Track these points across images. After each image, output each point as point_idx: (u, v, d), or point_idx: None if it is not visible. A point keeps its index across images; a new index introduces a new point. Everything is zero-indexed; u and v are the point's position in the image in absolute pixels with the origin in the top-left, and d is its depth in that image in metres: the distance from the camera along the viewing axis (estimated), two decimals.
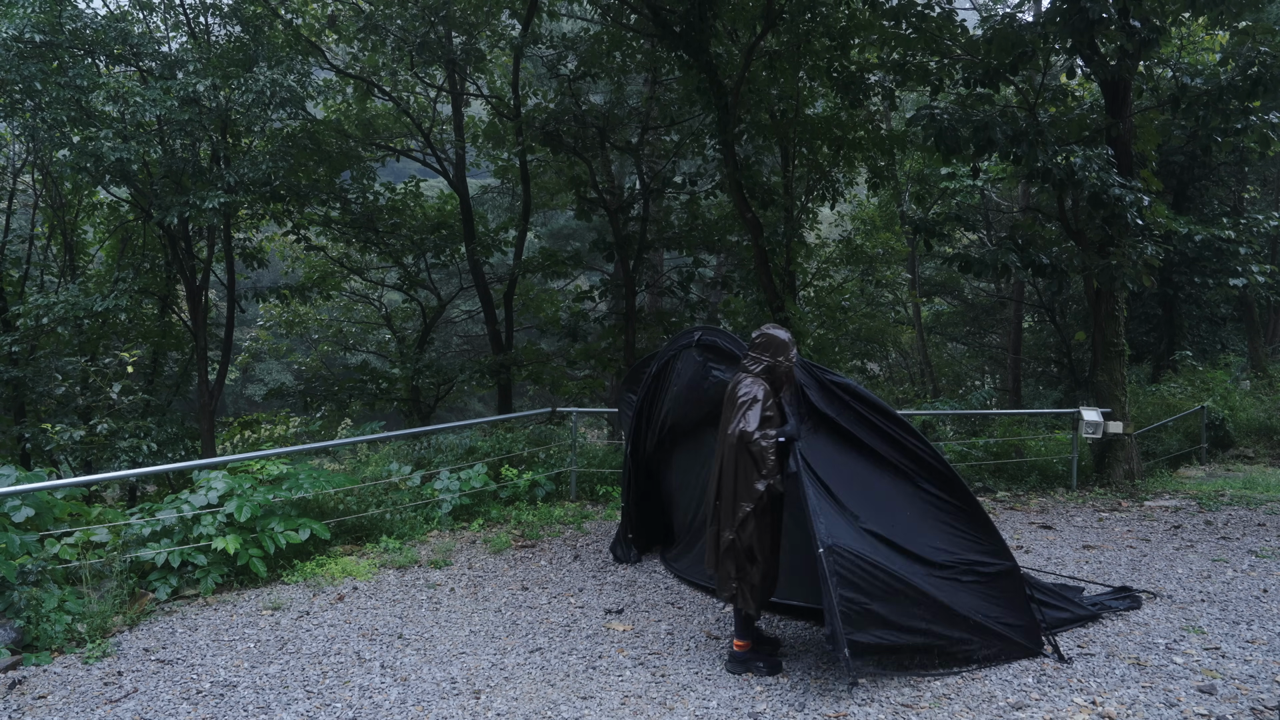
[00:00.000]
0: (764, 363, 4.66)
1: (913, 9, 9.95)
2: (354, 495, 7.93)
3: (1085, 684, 4.41)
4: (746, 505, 4.49)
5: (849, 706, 4.19)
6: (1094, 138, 9.90)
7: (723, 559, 4.61)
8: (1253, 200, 18.43)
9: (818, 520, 4.36)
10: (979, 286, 23.31)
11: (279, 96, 10.95)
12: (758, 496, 4.48)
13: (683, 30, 10.98)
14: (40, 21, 10.08)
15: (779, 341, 4.68)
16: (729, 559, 4.56)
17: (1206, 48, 11.72)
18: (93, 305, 11.64)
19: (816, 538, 4.32)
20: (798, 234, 13.74)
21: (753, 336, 4.79)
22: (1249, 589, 5.94)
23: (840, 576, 4.26)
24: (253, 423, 17.31)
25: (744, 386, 4.61)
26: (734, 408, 4.60)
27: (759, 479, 4.48)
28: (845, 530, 4.44)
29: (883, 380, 22.66)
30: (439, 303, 17.16)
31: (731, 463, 4.56)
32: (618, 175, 18.82)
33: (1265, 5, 9.73)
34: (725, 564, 4.60)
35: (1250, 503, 8.80)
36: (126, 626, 5.70)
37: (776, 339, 4.69)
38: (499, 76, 16.14)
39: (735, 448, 4.51)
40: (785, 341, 4.68)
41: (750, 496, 4.49)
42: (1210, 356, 17.59)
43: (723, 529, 4.60)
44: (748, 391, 4.57)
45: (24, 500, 5.99)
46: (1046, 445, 11.25)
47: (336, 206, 14.67)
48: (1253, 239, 14.00)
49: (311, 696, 4.58)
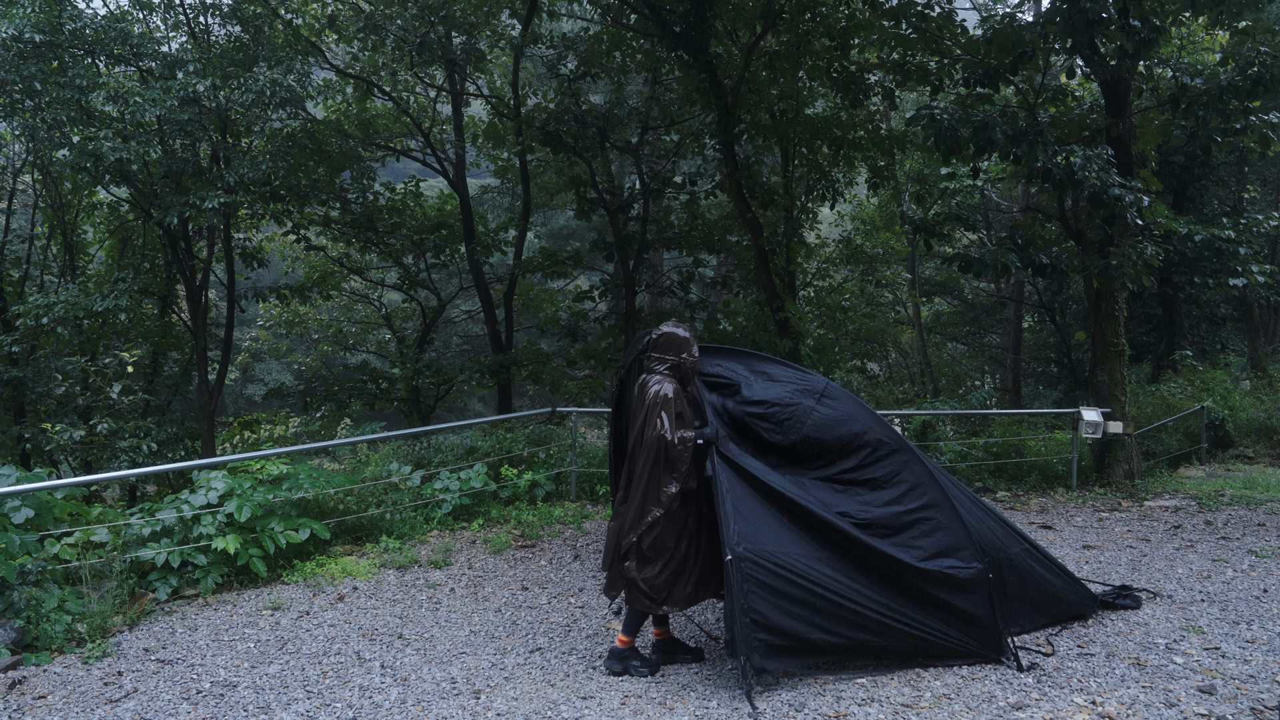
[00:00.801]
0: (669, 361, 4.63)
1: (913, 9, 9.95)
2: (354, 495, 7.93)
3: (1085, 684, 4.41)
4: (656, 510, 4.45)
5: (849, 706, 4.19)
6: (1094, 138, 9.90)
7: (618, 559, 4.57)
8: (1253, 200, 18.43)
9: (729, 526, 4.30)
10: (979, 286, 23.31)
11: (279, 96, 10.95)
12: (669, 500, 4.45)
13: (683, 30, 10.98)
14: (40, 21, 10.07)
15: (680, 339, 4.65)
16: (627, 559, 4.53)
17: (1206, 48, 11.72)
18: (93, 305, 11.64)
19: (726, 544, 4.26)
20: (798, 234, 13.74)
21: (653, 335, 4.74)
22: (1249, 589, 5.94)
23: (752, 583, 4.22)
24: (253, 423, 17.31)
25: (654, 385, 4.57)
26: (645, 408, 4.55)
27: (671, 481, 4.44)
28: (765, 535, 4.37)
29: (883, 380, 22.66)
30: (439, 303, 17.16)
31: (645, 464, 4.50)
32: (618, 175, 18.82)
33: (1265, 5, 9.73)
34: (619, 564, 4.56)
35: (1250, 503, 8.80)
36: (126, 626, 5.70)
37: (677, 336, 4.66)
38: (499, 76, 16.14)
39: (651, 449, 4.46)
40: (686, 338, 4.66)
41: (660, 501, 4.45)
42: (1210, 356, 17.59)
43: (626, 531, 4.54)
44: (659, 390, 4.53)
45: (24, 500, 5.99)
46: (1046, 445, 11.25)
47: (336, 206, 14.67)
48: (1253, 239, 13.99)
49: (311, 696, 4.58)
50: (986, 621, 4.63)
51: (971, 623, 4.62)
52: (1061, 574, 5.30)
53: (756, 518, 4.43)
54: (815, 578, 4.37)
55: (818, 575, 4.39)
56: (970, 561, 4.62)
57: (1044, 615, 5.12)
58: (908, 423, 13.52)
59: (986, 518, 5.06)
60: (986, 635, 4.63)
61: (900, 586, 4.54)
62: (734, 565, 4.22)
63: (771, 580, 4.28)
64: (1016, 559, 4.99)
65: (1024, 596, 5.00)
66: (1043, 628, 5.11)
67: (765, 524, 4.43)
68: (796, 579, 4.33)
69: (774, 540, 4.39)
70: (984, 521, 5.00)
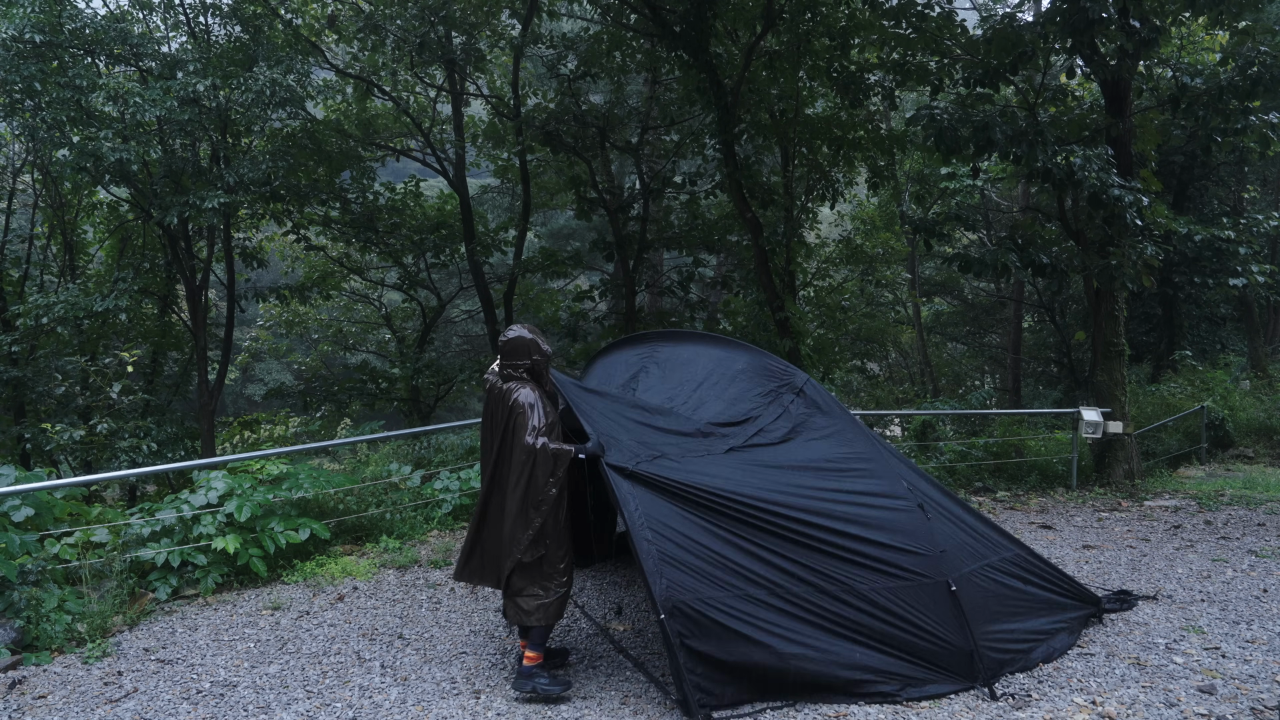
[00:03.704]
0: (521, 364, 4.57)
1: (913, 9, 9.96)
2: (354, 495, 7.93)
3: (1085, 684, 4.41)
4: (537, 519, 4.32)
5: (849, 706, 4.18)
6: (1094, 138, 9.90)
7: (517, 579, 4.38)
8: (1253, 200, 18.42)
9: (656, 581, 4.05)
10: (979, 286, 23.30)
11: (279, 96, 10.94)
12: (551, 504, 4.33)
13: (683, 30, 10.98)
14: (40, 21, 10.07)
15: (525, 341, 4.59)
16: (526, 579, 4.37)
17: (1206, 48, 11.73)
18: (93, 305, 11.63)
19: (655, 600, 4.02)
20: (798, 234, 13.74)
21: (500, 341, 4.67)
22: (1249, 589, 5.94)
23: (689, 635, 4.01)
24: (253, 423, 17.31)
25: (517, 395, 4.47)
26: (514, 417, 4.42)
27: (549, 485, 4.32)
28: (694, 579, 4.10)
29: (883, 380, 22.65)
30: (439, 303, 17.16)
31: (520, 475, 4.35)
32: (618, 175, 18.82)
33: (1265, 5, 9.72)
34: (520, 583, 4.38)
35: (1250, 503, 8.80)
36: (126, 626, 5.70)
37: (523, 339, 4.60)
38: (499, 76, 16.14)
39: (526, 460, 4.32)
40: (532, 339, 4.60)
41: (540, 508, 4.32)
42: (1210, 356, 17.59)
43: (510, 551, 4.36)
44: (525, 399, 4.43)
45: (24, 500, 5.99)
46: (1046, 445, 11.26)
47: (336, 206, 14.67)
48: (1253, 239, 13.99)
49: (311, 696, 4.58)
50: (960, 640, 4.34)
51: (942, 642, 4.33)
52: (1054, 583, 5.05)
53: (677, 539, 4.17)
54: (749, 582, 4.17)
55: (751, 573, 4.20)
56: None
57: (1027, 626, 4.75)
58: (908, 423, 13.52)
59: (958, 523, 4.84)
60: (956, 657, 4.33)
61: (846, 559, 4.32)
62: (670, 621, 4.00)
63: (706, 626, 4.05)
64: (991, 570, 4.75)
65: (1000, 611, 4.66)
66: (1023, 643, 4.68)
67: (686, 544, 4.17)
68: (729, 605, 4.09)
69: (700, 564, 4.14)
70: (958, 525, 4.83)
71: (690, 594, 4.07)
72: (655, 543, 4.14)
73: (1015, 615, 4.72)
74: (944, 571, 4.42)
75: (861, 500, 4.54)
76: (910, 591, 4.32)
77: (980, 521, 5.06)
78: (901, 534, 4.46)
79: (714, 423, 5.02)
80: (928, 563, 4.42)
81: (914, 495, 4.66)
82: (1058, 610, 4.94)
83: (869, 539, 4.39)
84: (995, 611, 4.62)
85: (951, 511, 4.91)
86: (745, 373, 5.35)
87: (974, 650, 4.33)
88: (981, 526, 5.01)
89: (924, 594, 4.34)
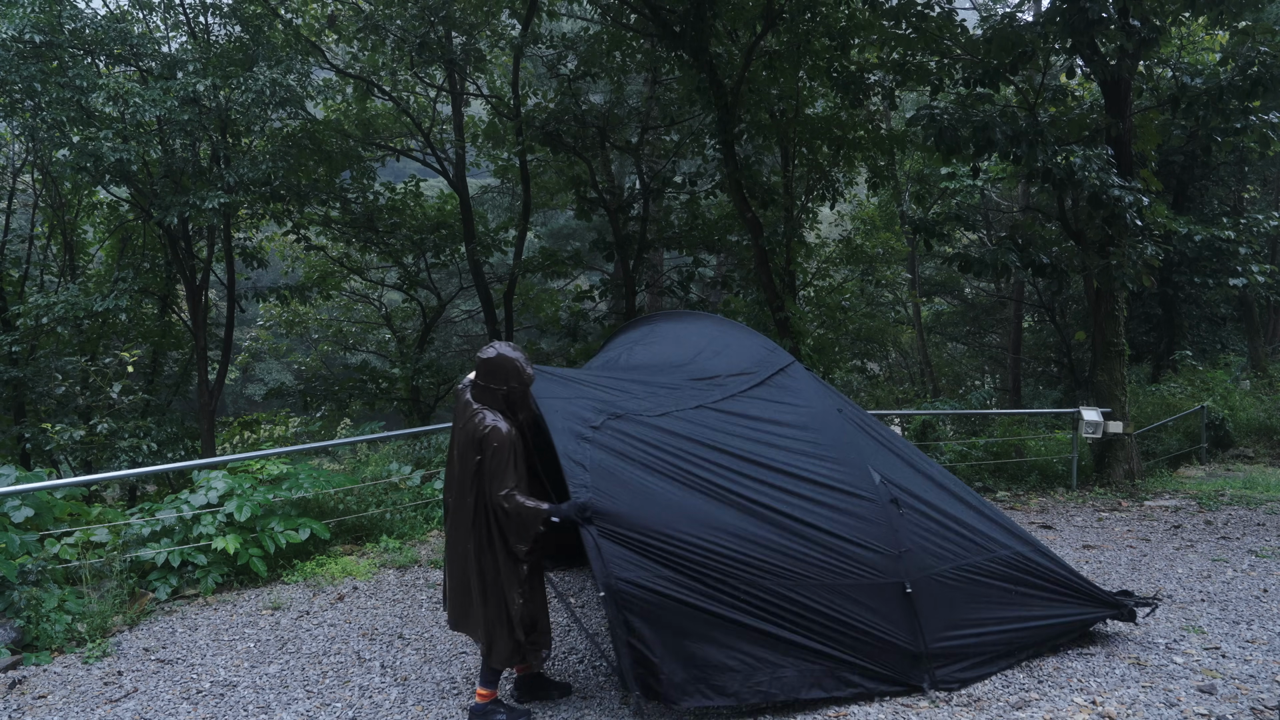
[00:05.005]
0: (500, 390, 4.09)
1: (913, 9, 9.96)
2: (354, 495, 7.93)
3: (1085, 684, 4.41)
4: (519, 593, 4.01)
5: (849, 706, 4.19)
6: (1094, 138, 9.91)
7: (495, 625, 4.06)
8: (1253, 200, 18.42)
9: (596, 563, 3.91)
10: (979, 286, 23.31)
11: (279, 96, 10.95)
12: (524, 572, 4.02)
13: (683, 30, 10.98)
14: (40, 22, 10.07)
15: (509, 363, 4.08)
16: (503, 627, 4.05)
17: (1206, 48, 11.73)
18: (93, 305, 11.64)
19: (597, 577, 3.90)
20: (798, 234, 13.73)
21: (479, 356, 4.16)
22: (1249, 589, 5.94)
23: (624, 616, 3.89)
24: (253, 423, 17.33)
25: (486, 424, 4.01)
26: (480, 451, 4.01)
27: (524, 542, 3.97)
28: (639, 561, 3.97)
29: (883, 380, 22.66)
30: (439, 302, 17.17)
31: (486, 522, 4.03)
32: (618, 175, 18.82)
33: (1265, 5, 9.73)
34: (498, 630, 4.06)
35: (1250, 503, 8.80)
36: (126, 626, 5.70)
37: (507, 361, 4.08)
38: (499, 76, 16.14)
39: (498, 509, 3.97)
40: (515, 362, 4.09)
41: (518, 578, 4.02)
42: (1210, 356, 17.60)
43: (488, 600, 4.06)
44: (493, 430, 3.98)
45: (24, 500, 5.99)
46: (1046, 445, 11.26)
47: (336, 206, 14.67)
48: (1253, 239, 14.00)
49: (311, 696, 4.58)
50: (901, 631, 4.22)
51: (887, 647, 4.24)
52: (1058, 586, 4.78)
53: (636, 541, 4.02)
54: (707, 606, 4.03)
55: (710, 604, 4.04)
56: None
57: (1006, 628, 4.57)
58: (908, 422, 13.52)
59: (943, 521, 4.63)
60: (899, 659, 4.24)
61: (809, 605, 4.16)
62: (610, 599, 3.88)
63: (653, 610, 3.93)
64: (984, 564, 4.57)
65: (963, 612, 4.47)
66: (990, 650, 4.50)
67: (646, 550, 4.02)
68: (685, 608, 3.97)
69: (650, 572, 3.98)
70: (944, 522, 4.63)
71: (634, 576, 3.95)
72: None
73: (992, 616, 4.54)
74: (902, 572, 4.30)
75: (815, 489, 4.40)
76: (858, 590, 4.22)
77: (983, 519, 4.81)
78: (857, 529, 4.33)
79: (692, 377, 5.03)
80: (884, 561, 4.29)
81: (886, 490, 4.49)
82: (1058, 609, 4.75)
83: (818, 526, 4.28)
84: (964, 613, 4.46)
85: (937, 509, 4.66)
86: (734, 346, 5.33)
87: (923, 653, 4.26)
88: (980, 524, 4.76)
89: (873, 594, 4.24)
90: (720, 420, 4.62)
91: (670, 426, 4.48)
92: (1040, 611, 4.68)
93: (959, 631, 4.42)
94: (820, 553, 4.22)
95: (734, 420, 4.64)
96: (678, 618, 3.97)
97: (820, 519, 4.31)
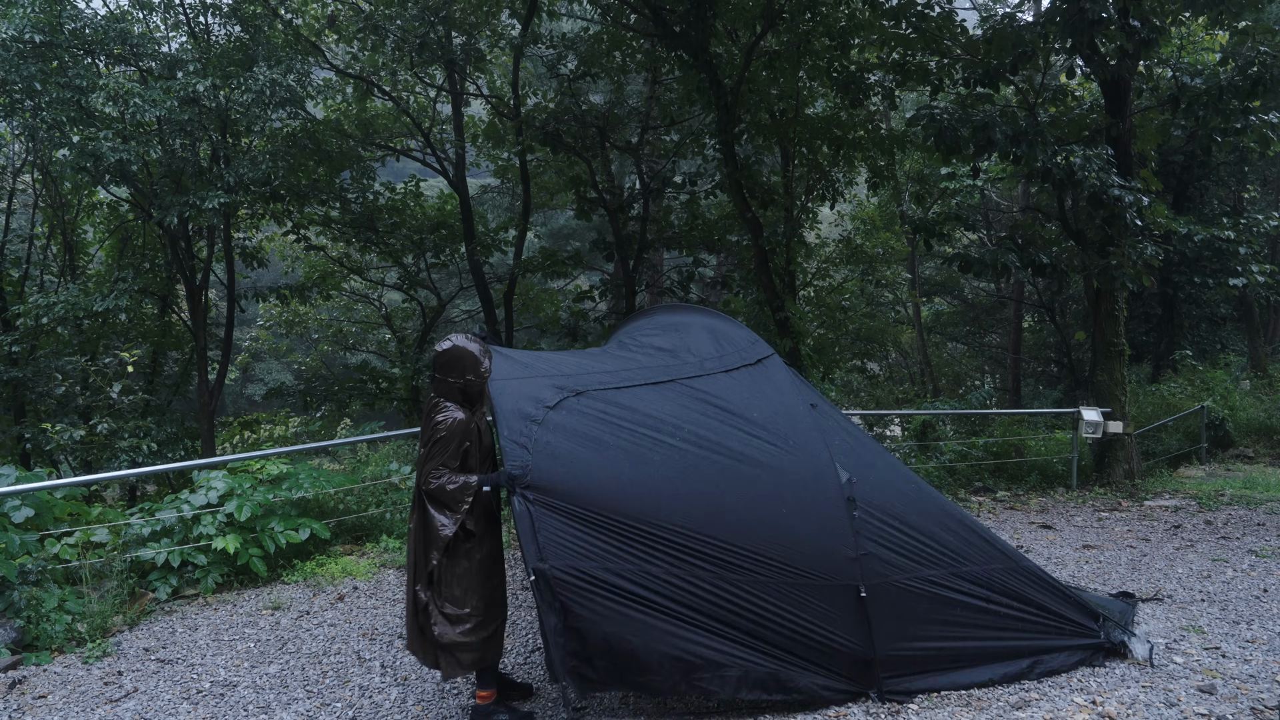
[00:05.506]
0: (456, 383, 4.02)
1: (913, 9, 9.96)
2: (354, 495, 7.94)
3: (1085, 684, 4.41)
4: (435, 555, 3.93)
5: (849, 706, 4.19)
6: (1094, 138, 9.91)
7: (418, 619, 4.00)
8: (1253, 200, 18.43)
9: (529, 544, 3.81)
10: (979, 286, 23.31)
11: (279, 96, 10.95)
12: (444, 542, 3.90)
13: (683, 30, 10.98)
14: (40, 22, 10.08)
15: (464, 355, 4.02)
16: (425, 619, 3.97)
17: (1206, 48, 11.73)
18: (93, 305, 11.64)
19: (527, 562, 3.81)
20: (798, 234, 13.74)
21: (437, 349, 4.11)
22: (1249, 589, 5.94)
23: (557, 602, 3.78)
24: (253, 423, 17.32)
25: (440, 414, 3.98)
26: (427, 441, 3.97)
27: (446, 524, 3.89)
28: (574, 548, 3.86)
29: (883, 380, 22.67)
30: (439, 302, 17.17)
31: (422, 506, 3.98)
32: (618, 175, 18.82)
33: (1265, 5, 9.73)
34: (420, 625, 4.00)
35: (1250, 502, 8.80)
36: (126, 626, 5.70)
37: (462, 353, 4.02)
38: (499, 76, 16.14)
39: (426, 490, 3.94)
40: (473, 354, 4.03)
41: (436, 544, 3.92)
42: (1210, 356, 17.59)
43: (417, 587, 4.00)
44: (444, 419, 3.95)
45: (24, 500, 5.99)
46: (1046, 445, 11.26)
47: (336, 206, 14.67)
48: (1253, 239, 14.01)
49: (311, 696, 4.58)
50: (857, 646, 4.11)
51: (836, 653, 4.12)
52: (1030, 609, 4.52)
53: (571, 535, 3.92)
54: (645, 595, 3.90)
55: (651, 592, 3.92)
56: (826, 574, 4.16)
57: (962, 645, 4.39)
58: (908, 422, 13.52)
59: (908, 532, 4.41)
60: (850, 666, 4.14)
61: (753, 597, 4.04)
62: (538, 583, 3.78)
63: (581, 599, 3.82)
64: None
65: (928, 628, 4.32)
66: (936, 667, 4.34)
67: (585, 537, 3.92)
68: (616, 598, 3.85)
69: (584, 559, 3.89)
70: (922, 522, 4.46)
71: (568, 563, 3.85)
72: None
73: (950, 632, 4.38)
74: (858, 576, 4.17)
75: (777, 480, 4.29)
76: (811, 590, 4.13)
77: (954, 531, 4.52)
78: (814, 528, 4.23)
79: (661, 348, 5.02)
80: (840, 563, 4.18)
81: (849, 489, 4.33)
82: (1024, 635, 4.51)
83: (774, 520, 4.17)
84: (922, 623, 4.32)
85: (901, 516, 4.44)
86: (720, 332, 5.27)
87: (873, 659, 4.17)
88: (948, 536, 4.49)
89: (826, 595, 4.14)
90: (689, 397, 4.54)
91: (634, 403, 4.39)
92: (1008, 634, 4.47)
93: (913, 642, 4.29)
94: (774, 549, 4.10)
95: (703, 400, 4.54)
96: (613, 604, 3.84)
97: (777, 513, 4.18)
